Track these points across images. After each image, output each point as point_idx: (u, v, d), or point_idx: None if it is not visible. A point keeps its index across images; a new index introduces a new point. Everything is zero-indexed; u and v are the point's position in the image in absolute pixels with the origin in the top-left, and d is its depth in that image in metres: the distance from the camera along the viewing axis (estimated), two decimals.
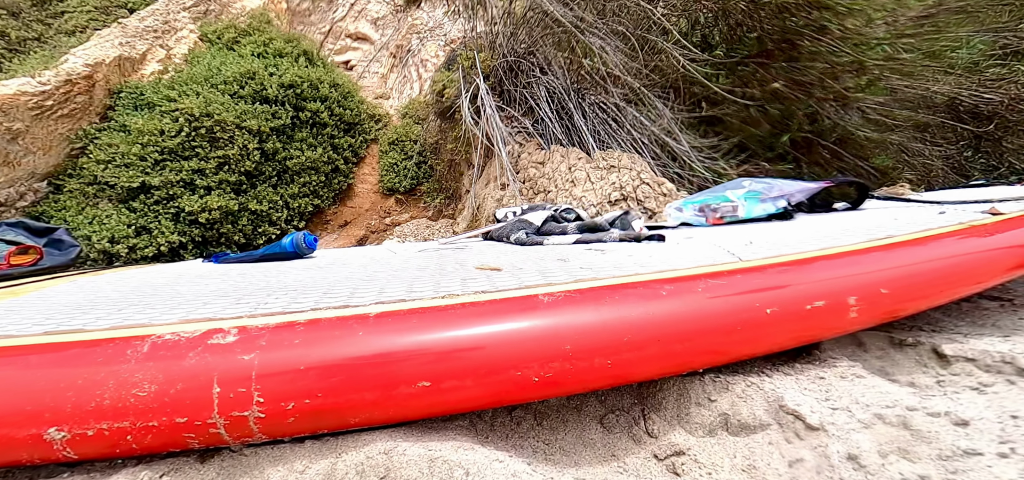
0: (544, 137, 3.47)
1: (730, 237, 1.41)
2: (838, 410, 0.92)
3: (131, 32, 4.30)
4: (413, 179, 4.65)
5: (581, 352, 0.82)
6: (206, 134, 3.57)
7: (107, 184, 3.32)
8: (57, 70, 3.43)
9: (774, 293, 0.98)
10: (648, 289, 0.93)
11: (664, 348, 0.88)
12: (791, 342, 1.00)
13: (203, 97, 3.66)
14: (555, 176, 3.09)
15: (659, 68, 3.56)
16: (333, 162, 4.42)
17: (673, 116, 3.23)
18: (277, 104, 4.04)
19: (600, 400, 1.06)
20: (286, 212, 4.00)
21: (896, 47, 3.37)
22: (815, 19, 3.31)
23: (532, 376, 0.79)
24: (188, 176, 3.45)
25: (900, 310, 1.10)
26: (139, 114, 3.54)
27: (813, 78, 3.42)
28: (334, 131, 4.48)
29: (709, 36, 4.21)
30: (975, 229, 1.27)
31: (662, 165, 3.13)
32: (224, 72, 3.98)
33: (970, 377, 1.09)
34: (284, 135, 4.09)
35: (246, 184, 3.77)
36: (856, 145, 4.08)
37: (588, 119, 3.35)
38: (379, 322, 0.81)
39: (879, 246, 1.17)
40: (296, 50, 4.68)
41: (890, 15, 3.26)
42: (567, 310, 0.86)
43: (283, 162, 4.03)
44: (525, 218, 1.81)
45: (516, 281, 1.02)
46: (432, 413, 0.82)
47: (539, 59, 3.62)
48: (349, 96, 4.72)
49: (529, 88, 3.67)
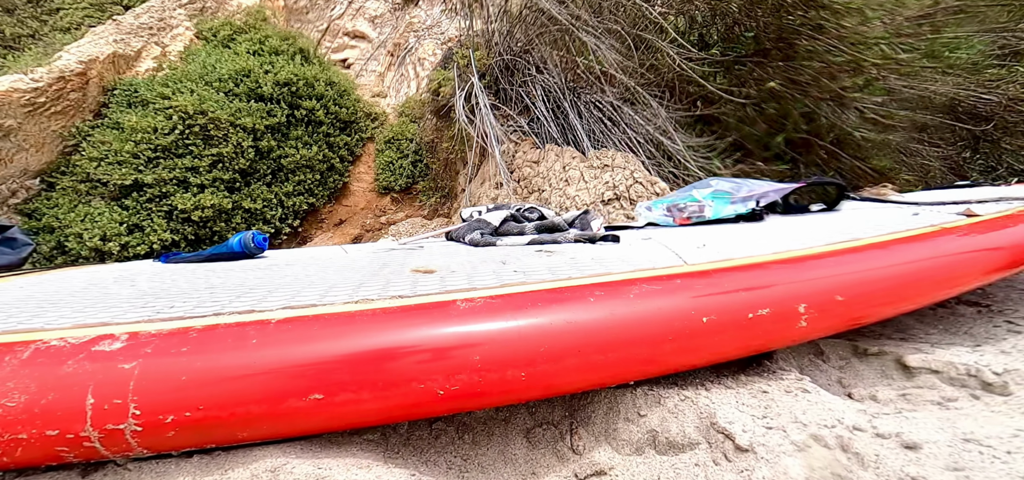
0: (539, 136, 3.46)
1: (686, 238, 1.37)
2: (773, 429, 0.84)
3: (126, 29, 4.28)
4: (409, 178, 4.63)
5: (492, 364, 0.76)
6: (200, 132, 3.56)
7: (100, 182, 3.31)
8: (50, 67, 3.42)
9: (714, 299, 0.91)
10: (576, 294, 0.87)
11: (585, 359, 0.81)
12: (733, 353, 0.94)
13: (197, 95, 3.65)
14: (549, 175, 3.07)
15: (655, 67, 3.54)
16: (329, 160, 4.40)
17: (668, 115, 3.21)
18: (272, 102, 4.03)
19: (530, 411, 1.00)
20: (280, 210, 3.99)
21: (894, 47, 3.35)
22: (812, 18, 3.29)
23: (436, 389, 0.74)
24: (181, 174, 3.44)
25: (861, 318, 1.04)
26: (133, 111, 3.52)
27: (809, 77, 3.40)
28: (330, 129, 4.46)
29: (706, 35, 4.19)
30: (947, 231, 1.23)
31: (657, 164, 3.11)
32: (219, 69, 3.96)
33: (933, 390, 1.04)
34: (279, 133, 4.07)
35: (240, 182, 3.75)
36: (854, 145, 4.06)
37: (583, 118, 3.33)
38: (280, 329, 0.76)
39: (837, 250, 1.10)
40: (292, 48, 4.67)
41: (887, 14, 3.23)
42: (483, 318, 0.80)
43: (278, 160, 4.02)
44: (483, 218, 1.77)
45: (440, 285, 0.96)
46: (325, 428, 0.77)
47: (535, 58, 3.61)
48: (345, 94, 4.70)
49: (525, 87, 3.65)
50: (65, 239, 3.12)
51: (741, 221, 1.81)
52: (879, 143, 4.07)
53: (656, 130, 3.11)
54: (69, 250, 3.11)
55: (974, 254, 1.20)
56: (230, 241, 1.53)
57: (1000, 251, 1.22)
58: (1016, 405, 0.94)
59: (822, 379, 1.14)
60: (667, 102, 3.41)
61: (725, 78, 3.83)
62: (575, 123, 3.26)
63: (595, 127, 3.27)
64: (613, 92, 3.33)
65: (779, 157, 3.84)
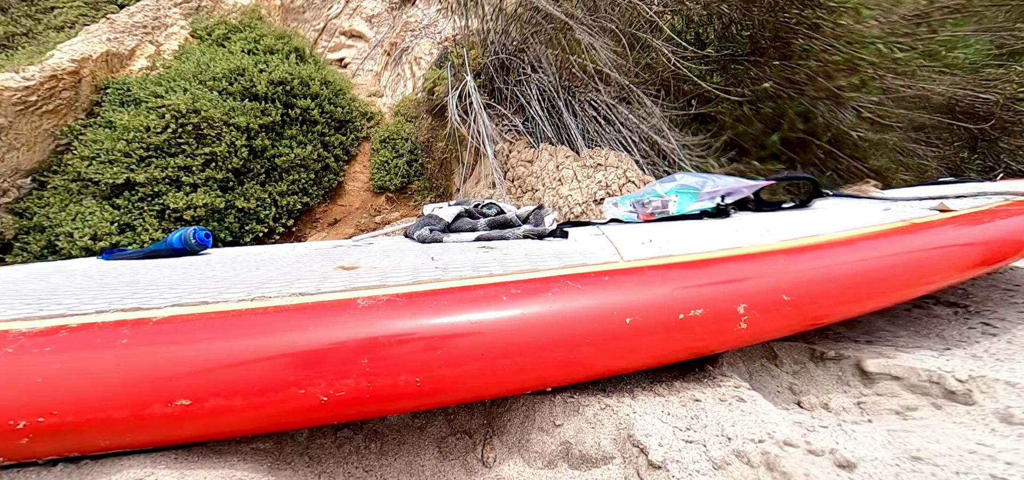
0: (534, 135, 3.44)
1: (635, 235, 1.32)
2: (693, 443, 0.78)
3: (120, 27, 4.26)
4: (404, 177, 4.62)
5: (383, 368, 0.70)
6: (193, 131, 3.54)
7: (91, 181, 3.29)
8: (42, 65, 3.40)
9: (641, 299, 0.84)
10: (488, 293, 0.81)
11: (490, 364, 0.74)
12: (662, 357, 0.87)
13: (191, 93, 3.63)
14: (543, 175, 3.06)
15: (650, 66, 3.52)
16: (323, 160, 4.38)
17: (663, 114, 3.19)
18: (267, 101, 4.01)
19: (448, 418, 0.94)
20: (274, 210, 3.97)
21: (890, 46, 3.33)
22: (808, 17, 3.27)
23: (319, 395, 0.67)
24: (174, 173, 3.42)
25: (813, 319, 0.97)
26: (125, 110, 3.50)
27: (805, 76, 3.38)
28: (325, 129, 4.44)
29: (703, 34, 4.17)
30: (916, 227, 1.17)
31: (651, 163, 3.09)
32: (213, 68, 3.94)
33: (894, 398, 0.97)
34: (273, 132, 4.05)
35: (233, 181, 3.73)
36: (851, 145, 4.04)
37: (578, 117, 3.31)
38: (158, 329, 0.70)
39: (786, 248, 1.03)
40: (287, 47, 4.65)
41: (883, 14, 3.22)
42: (379, 317, 0.74)
43: (272, 159, 3.99)
44: (436, 214, 1.72)
45: (345, 283, 0.89)
46: (198, 436, 0.71)
47: (530, 56, 3.59)
48: (341, 93, 4.68)
49: (520, 86, 3.63)
50: (56, 238, 3.10)
51: (706, 217, 1.76)
52: (876, 143, 4.05)
53: (651, 129, 3.09)
54: (60, 249, 3.09)
55: (944, 251, 1.13)
56: (170, 237, 1.47)
57: (973, 247, 1.16)
58: (978, 415, 0.89)
59: (772, 385, 1.08)
60: (662, 101, 3.39)
61: (721, 77, 3.81)
62: (569, 122, 3.24)
63: (589, 126, 3.26)
64: (608, 91, 3.31)
65: (776, 157, 3.82)
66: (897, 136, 4.13)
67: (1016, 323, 1.25)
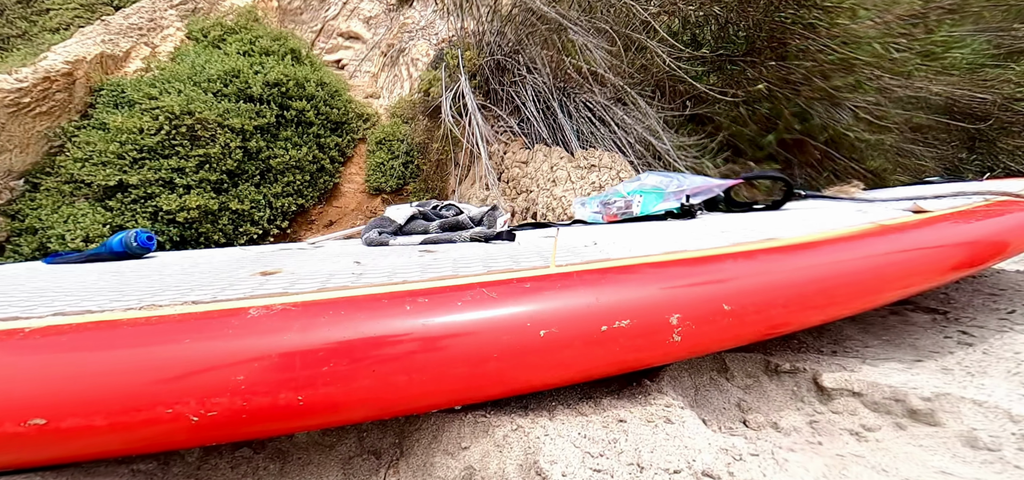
0: (529, 137, 3.43)
1: (585, 237, 1.26)
2: (600, 473, 0.70)
3: (115, 29, 4.26)
4: (400, 179, 4.60)
5: (261, 385, 0.63)
6: (187, 132, 3.52)
7: (84, 182, 3.27)
8: (35, 67, 3.39)
9: (560, 309, 0.77)
10: (391, 303, 0.74)
11: (382, 380, 0.67)
12: (581, 373, 0.79)
13: (184, 95, 3.61)
14: (537, 176, 3.04)
15: (645, 67, 3.50)
16: (319, 161, 4.37)
17: (657, 115, 3.18)
18: (261, 102, 3.99)
19: (360, 436, 0.86)
20: (269, 211, 3.95)
21: (886, 46, 3.32)
22: (803, 16, 3.26)
23: (189, 415, 0.61)
24: (167, 175, 3.40)
25: (761, 330, 0.88)
26: (119, 112, 3.49)
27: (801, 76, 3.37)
28: (320, 130, 4.43)
29: (699, 35, 4.16)
30: (886, 230, 1.09)
31: (646, 164, 3.07)
32: (208, 70, 3.93)
33: (853, 417, 0.89)
34: (268, 134, 4.04)
35: (227, 183, 3.72)
36: (848, 146, 4.02)
37: (573, 118, 3.30)
38: (26, 341, 0.65)
39: (734, 253, 0.94)
40: (283, 48, 4.64)
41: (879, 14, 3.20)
42: (265, 330, 0.68)
43: (267, 161, 3.98)
44: (387, 216, 1.67)
45: (249, 291, 0.83)
46: (53, 459, 0.65)
47: (525, 58, 3.58)
48: (337, 95, 4.67)
49: (515, 87, 3.62)
50: (48, 240, 3.08)
51: (671, 218, 1.69)
52: (874, 144, 4.03)
53: (645, 130, 3.07)
54: (51, 251, 3.07)
55: (914, 254, 1.06)
56: (110, 241, 1.42)
57: (946, 249, 1.09)
58: (941, 439, 0.82)
59: (718, 401, 0.99)
60: (657, 102, 3.37)
61: (717, 77, 3.79)
62: (564, 123, 3.23)
63: (584, 127, 3.24)
64: (603, 92, 3.30)
65: (772, 157, 3.81)
66: (895, 137, 4.12)
67: (994, 332, 1.19)
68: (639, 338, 0.78)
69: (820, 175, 4.08)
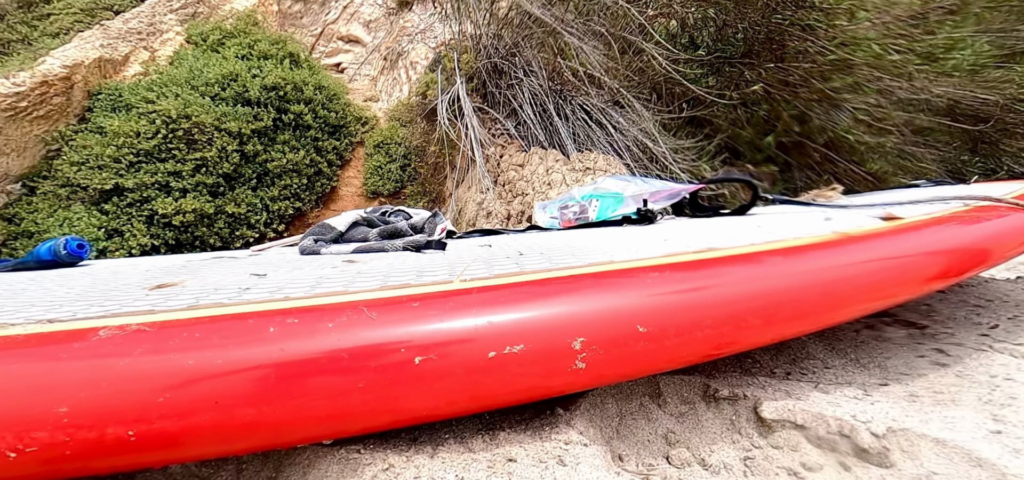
0: (526, 139, 3.41)
1: (518, 246, 1.19)
2: None
3: (113, 34, 4.27)
4: (397, 182, 4.59)
5: (86, 418, 0.55)
6: (183, 136, 3.53)
7: (80, 186, 3.28)
8: (33, 71, 3.40)
9: (444, 331, 0.68)
10: (256, 324, 0.66)
11: (225, 413, 0.59)
12: (460, 407, 0.70)
13: (182, 99, 3.62)
14: (533, 178, 3.02)
15: (642, 70, 3.49)
16: (316, 165, 4.37)
17: (653, 118, 3.16)
18: (259, 106, 4.00)
19: (239, 468, 0.79)
20: (266, 215, 3.95)
21: (885, 47, 3.29)
22: (801, 18, 3.24)
23: (5, 451, 0.53)
24: (163, 178, 3.41)
25: (684, 356, 0.77)
26: (116, 115, 3.50)
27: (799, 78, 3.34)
28: (318, 133, 4.43)
29: (697, 38, 4.14)
30: (848, 239, 0.99)
31: (642, 166, 3.05)
32: (206, 74, 3.94)
33: (793, 454, 0.78)
34: (265, 137, 4.04)
35: (224, 186, 3.72)
36: (848, 148, 3.99)
37: (569, 121, 3.28)
38: None
39: (656, 265, 0.83)
40: (282, 52, 4.65)
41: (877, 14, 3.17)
42: (107, 355, 0.60)
43: (264, 165, 3.98)
44: (328, 222, 1.60)
45: (123, 305, 0.76)
46: None
47: (521, 61, 3.57)
48: (335, 98, 4.67)
49: (512, 90, 3.61)
50: None
51: (628, 224, 1.60)
52: (874, 146, 3.99)
53: (641, 133, 3.05)
54: None
55: (880, 265, 0.95)
56: (39, 248, 1.35)
57: (917, 259, 0.99)
58: None
59: (644, 432, 0.86)
60: (654, 104, 3.35)
61: (715, 79, 3.77)
62: (560, 126, 3.21)
63: (580, 130, 3.22)
64: (599, 95, 3.28)
65: (771, 160, 3.78)
66: (896, 139, 4.07)
67: (972, 351, 1.09)
68: (534, 365, 0.68)
69: (820, 178, 4.05)
